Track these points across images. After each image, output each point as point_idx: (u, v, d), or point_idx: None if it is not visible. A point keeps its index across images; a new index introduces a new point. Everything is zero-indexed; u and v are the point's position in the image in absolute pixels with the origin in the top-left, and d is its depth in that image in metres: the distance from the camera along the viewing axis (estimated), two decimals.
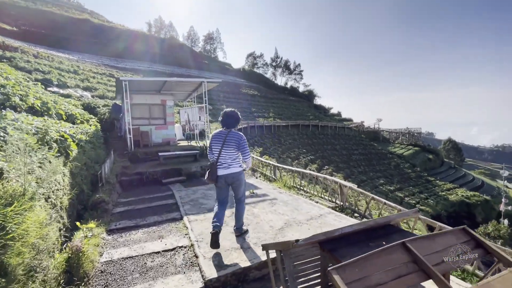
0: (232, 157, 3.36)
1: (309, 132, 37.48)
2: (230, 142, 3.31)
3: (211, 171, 3.38)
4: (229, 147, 3.31)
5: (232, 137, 3.32)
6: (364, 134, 45.41)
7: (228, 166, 3.35)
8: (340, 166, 31.47)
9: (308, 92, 55.09)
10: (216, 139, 3.39)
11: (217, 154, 3.37)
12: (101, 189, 5.46)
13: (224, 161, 3.35)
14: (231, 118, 3.40)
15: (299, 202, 5.07)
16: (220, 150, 3.34)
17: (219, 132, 3.43)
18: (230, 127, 3.40)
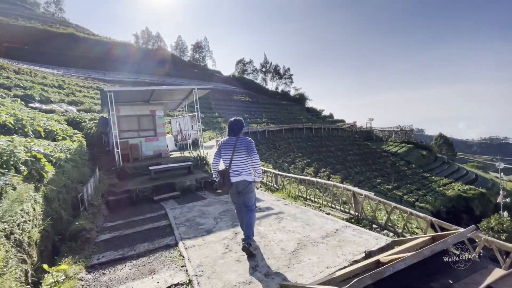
0: (244, 163, 3.38)
1: (303, 135, 37.16)
2: (241, 146, 3.37)
3: (225, 177, 3.38)
4: (240, 152, 3.36)
5: (241, 142, 3.40)
6: (357, 134, 45.42)
7: (240, 173, 3.38)
8: (336, 167, 31.12)
9: (300, 95, 55.00)
10: (225, 146, 3.45)
11: (229, 161, 3.40)
12: (83, 214, 4.76)
13: (236, 167, 3.38)
14: (236, 125, 3.52)
15: (309, 215, 4.49)
16: (231, 156, 3.38)
17: (228, 139, 3.48)
18: (237, 134, 3.48)
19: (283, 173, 6.66)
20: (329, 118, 50.02)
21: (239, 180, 3.37)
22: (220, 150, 3.52)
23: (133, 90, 9.56)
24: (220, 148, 3.52)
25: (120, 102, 11.49)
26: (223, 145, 3.49)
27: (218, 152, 3.55)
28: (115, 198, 6.33)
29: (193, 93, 10.58)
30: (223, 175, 3.41)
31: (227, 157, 3.42)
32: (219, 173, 3.45)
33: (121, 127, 11.47)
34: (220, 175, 3.43)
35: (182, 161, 9.84)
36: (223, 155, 3.48)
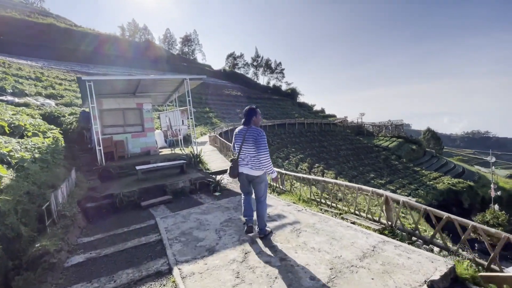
0: (251, 154, 3.30)
1: (296, 130, 36.54)
2: (249, 138, 3.29)
3: (233, 166, 3.45)
4: (248, 143, 3.30)
5: (250, 133, 3.30)
6: (349, 129, 45.26)
7: (247, 163, 3.35)
8: (330, 163, 30.69)
9: (291, 90, 54.13)
10: (237, 136, 3.44)
11: (238, 151, 3.40)
12: (50, 229, 3.77)
13: (244, 157, 3.37)
14: (247, 114, 3.41)
15: (332, 226, 3.68)
16: (240, 147, 3.36)
17: (240, 129, 3.44)
18: (248, 124, 3.38)
19: (291, 173, 5.81)
20: (321, 113, 49.57)
21: (247, 172, 3.36)
22: (233, 139, 3.54)
23: (115, 79, 8.44)
24: (234, 137, 3.53)
25: (103, 94, 10.31)
26: (236, 134, 3.47)
27: (233, 141, 3.55)
28: (95, 204, 5.32)
29: (184, 84, 9.54)
30: (232, 164, 3.45)
31: (237, 146, 3.42)
32: (230, 161, 3.53)
33: (104, 122, 10.33)
34: (231, 162, 3.49)
35: (173, 159, 8.85)
36: (235, 143, 3.49)
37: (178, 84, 10.32)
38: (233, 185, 6.78)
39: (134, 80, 8.75)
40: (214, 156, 10.71)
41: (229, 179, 7.20)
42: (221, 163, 9.32)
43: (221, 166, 8.72)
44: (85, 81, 7.67)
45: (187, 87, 9.47)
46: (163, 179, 6.77)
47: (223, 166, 8.71)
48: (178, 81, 9.85)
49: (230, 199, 5.47)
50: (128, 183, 6.58)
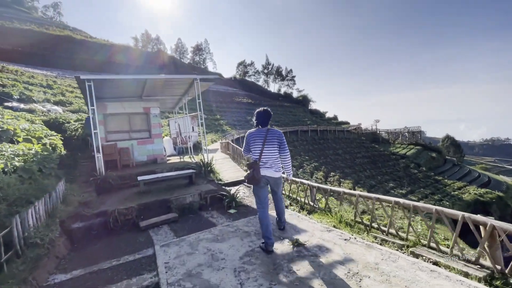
0: (274, 156, 3.15)
1: (309, 137, 35.20)
2: (272, 139, 3.12)
3: (255, 169, 3.04)
4: (271, 145, 3.11)
5: (273, 134, 3.15)
6: (364, 136, 43.52)
7: (271, 166, 3.13)
8: (346, 171, 29.11)
9: (303, 97, 52.98)
10: (255, 137, 3.18)
11: (259, 153, 3.12)
12: (7, 266, 2.73)
13: (266, 160, 3.12)
14: (266, 115, 3.22)
15: (407, 269, 2.47)
16: (261, 148, 3.11)
17: (257, 130, 3.21)
18: (266, 125, 3.23)
19: (327, 186, 4.60)
20: (334, 120, 48.06)
21: (270, 175, 3.15)
22: (248, 142, 3.26)
23: (119, 79, 7.58)
24: (248, 139, 3.27)
25: (107, 98, 9.51)
26: (252, 136, 3.22)
27: (246, 145, 3.31)
28: (84, 224, 4.29)
29: (194, 85, 8.58)
30: (252, 167, 3.08)
31: (257, 149, 3.15)
32: (248, 165, 3.14)
33: (109, 127, 9.47)
34: (249, 167, 3.11)
35: (181, 168, 7.82)
36: (252, 146, 3.20)
37: (188, 85, 9.39)
38: (251, 199, 5.64)
39: (139, 80, 7.85)
40: (227, 165, 9.64)
41: (245, 193, 6.07)
42: (235, 172, 8.24)
43: (235, 176, 7.62)
44: (85, 80, 6.82)
45: (197, 90, 8.50)
46: (168, 192, 5.70)
47: (238, 176, 7.61)
48: (187, 82, 8.91)
49: (249, 219, 4.32)
50: (128, 197, 5.55)
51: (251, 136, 3.22)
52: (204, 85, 9.40)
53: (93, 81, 6.93)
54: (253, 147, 3.18)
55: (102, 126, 9.31)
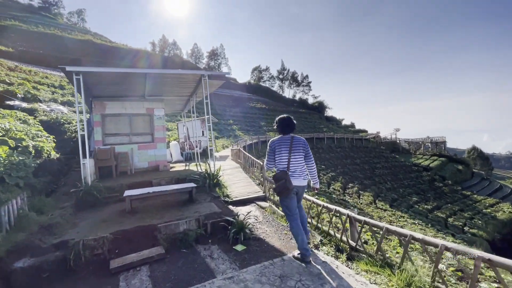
0: (301, 164, 3.02)
1: (325, 145, 33.42)
2: (298, 147, 3.00)
3: (287, 180, 2.88)
4: (298, 153, 3.00)
5: (298, 142, 3.04)
6: (383, 145, 41.16)
7: (299, 175, 2.99)
8: (365, 183, 27.06)
9: (318, 103, 51.08)
10: (281, 145, 3.03)
11: (286, 162, 2.96)
12: None
13: (295, 169, 2.97)
14: (291, 122, 3.14)
15: None
16: (288, 157, 2.96)
17: (281, 138, 3.10)
18: (291, 132, 3.12)
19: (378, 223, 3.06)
20: (351, 128, 45.89)
21: (300, 184, 3.01)
22: (274, 150, 3.06)
23: (113, 72, 6.40)
24: (273, 148, 3.06)
25: (106, 97, 8.48)
26: (277, 144, 3.05)
27: (271, 153, 3.08)
28: (33, 262, 3.06)
29: (202, 84, 7.37)
30: (284, 178, 2.89)
31: (284, 158, 2.97)
32: (277, 176, 2.94)
33: (107, 129, 8.42)
34: (280, 178, 2.92)
35: (183, 178, 6.56)
36: (278, 155, 3.02)
37: (195, 84, 8.21)
38: (265, 228, 4.24)
39: (137, 73, 6.68)
40: (237, 176, 8.31)
41: (257, 218, 4.68)
42: (246, 186, 6.88)
43: (246, 191, 6.26)
44: (72, 72, 5.74)
45: (206, 89, 7.28)
46: (159, 213, 4.42)
47: (249, 191, 6.25)
48: (194, 79, 7.70)
49: (264, 267, 2.93)
50: (108, 218, 4.32)
51: (275, 144, 3.03)
52: (214, 84, 8.20)
53: (82, 74, 5.84)
54: (278, 156, 3.01)
55: (99, 127, 8.27)
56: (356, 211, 3.71)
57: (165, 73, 6.61)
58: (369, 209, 18.76)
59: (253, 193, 6.05)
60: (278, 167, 3.02)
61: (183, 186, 5.03)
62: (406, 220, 17.40)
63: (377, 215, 16.92)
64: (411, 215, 20.04)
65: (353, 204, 19.11)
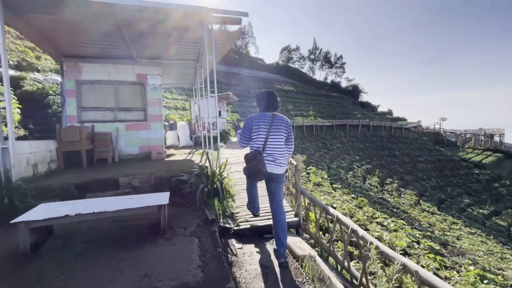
0: (280, 148, 2.51)
1: (359, 133, 29.60)
2: (280, 126, 2.52)
3: (260, 161, 2.38)
4: (278, 134, 2.50)
5: (281, 121, 2.54)
6: (425, 136, 36.13)
7: (274, 161, 2.47)
8: (406, 178, 23.32)
9: (353, 87, 46.00)
10: (259, 122, 2.50)
11: (262, 142, 2.47)
12: None
13: (271, 152, 2.48)
14: (274, 98, 2.61)
15: None
16: (266, 137, 2.47)
17: (262, 114, 2.56)
18: (274, 110, 2.61)
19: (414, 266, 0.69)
20: (388, 115, 40.91)
21: (273, 168, 2.46)
22: (250, 128, 2.54)
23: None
24: (250, 124, 2.54)
25: (82, 56, 6.20)
26: (255, 121, 2.52)
27: (246, 131, 2.56)
28: None
29: (205, 38, 4.71)
30: (257, 158, 2.39)
31: (261, 138, 2.49)
32: (249, 155, 2.45)
33: (84, 101, 6.23)
34: (252, 158, 2.42)
35: (168, 178, 4.17)
36: (254, 134, 2.52)
37: (198, 39, 5.57)
38: None
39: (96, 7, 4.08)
40: None
41: None
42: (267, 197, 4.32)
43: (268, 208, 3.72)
44: None
45: (208, 36, 4.62)
46: (78, 267, 2.05)
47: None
48: (193, 25, 4.99)
49: None
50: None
51: (253, 121, 2.52)
52: (224, 37, 5.51)
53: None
54: (255, 134, 2.51)
55: (74, 98, 6.09)
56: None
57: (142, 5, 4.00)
58: (414, 211, 15.46)
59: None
60: (253, 146, 2.53)
61: (142, 205, 2.56)
62: (461, 228, 13.90)
63: (425, 220, 13.65)
64: (465, 222, 16.30)
65: (394, 204, 15.92)
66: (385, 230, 7.95)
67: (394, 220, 9.41)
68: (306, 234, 3.04)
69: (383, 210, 12.82)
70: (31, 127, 7.17)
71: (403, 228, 8.68)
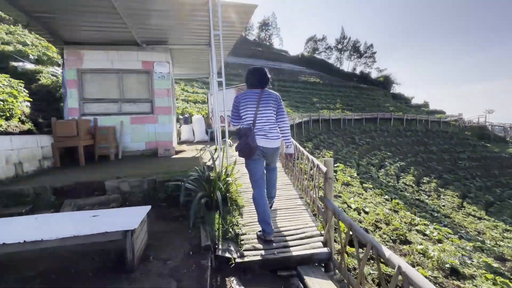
0: (271, 121, 2.49)
1: (391, 128, 27.23)
2: (268, 101, 2.48)
3: (249, 136, 2.39)
4: (267, 108, 2.46)
5: (269, 96, 2.51)
6: (467, 130, 32.51)
7: (266, 136, 2.46)
8: (445, 177, 20.95)
9: (384, 78, 42.51)
10: (247, 99, 2.49)
11: (252, 118, 2.45)
12: None
13: (262, 126, 2.46)
14: (262, 75, 2.53)
15: None
16: (255, 112, 2.44)
17: (250, 91, 2.54)
18: (264, 86, 2.55)
19: None
20: (424, 108, 37.38)
21: (268, 146, 2.47)
22: (238, 105, 2.53)
23: None
24: (238, 102, 2.53)
25: (84, 43, 5.63)
26: (242, 98, 2.51)
27: (235, 108, 2.56)
28: None
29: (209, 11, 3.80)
30: (247, 133, 2.40)
31: (250, 113, 2.45)
32: (240, 132, 2.48)
33: (86, 92, 5.69)
34: (242, 134, 2.43)
35: (165, 182, 3.40)
36: (243, 110, 2.49)
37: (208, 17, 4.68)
38: None
39: None
40: None
41: None
42: (286, 212, 3.26)
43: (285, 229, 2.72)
44: None
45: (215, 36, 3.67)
46: None
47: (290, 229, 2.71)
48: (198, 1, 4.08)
49: None
50: None
51: (240, 99, 2.52)
52: (237, 11, 4.55)
53: None
54: (244, 111, 2.48)
55: (75, 89, 5.56)
56: None
57: None
58: (457, 215, 13.54)
59: (300, 237, 2.51)
60: (243, 124, 2.52)
61: (99, 231, 1.75)
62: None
63: (472, 227, 11.80)
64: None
65: (434, 207, 14.09)
66: (428, 240, 6.64)
67: (436, 227, 7.94)
68: (339, 273, 2.06)
69: (421, 214, 11.24)
70: (40, 121, 6.86)
71: (448, 237, 7.26)
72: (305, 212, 3.09)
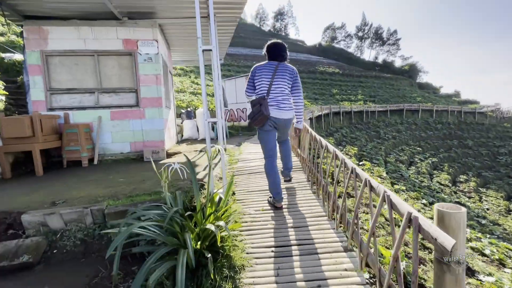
0: (284, 93, 2.46)
1: (419, 120, 24.69)
2: (284, 73, 2.44)
3: (263, 105, 2.34)
4: (282, 80, 2.43)
5: (285, 68, 2.46)
6: (506, 122, 29.15)
7: (279, 107, 2.42)
8: (484, 175, 18.49)
9: (409, 66, 38.94)
10: (263, 70, 2.45)
11: (266, 89, 2.42)
12: None
13: (275, 96, 2.42)
14: (281, 49, 2.50)
15: None
16: (270, 83, 2.42)
17: (267, 63, 2.49)
18: (282, 60, 2.49)
19: None
20: (455, 98, 33.96)
21: (280, 117, 2.43)
22: (254, 76, 2.48)
23: None
24: (254, 72, 2.48)
25: (48, 18, 4.39)
26: (258, 69, 2.47)
27: (251, 79, 2.51)
28: None
29: None
30: (260, 102, 2.36)
31: (265, 84, 2.43)
32: (253, 101, 2.43)
33: (54, 80, 4.49)
34: (255, 103, 2.39)
35: (122, 212, 2.11)
36: (258, 81, 2.45)
37: None
38: None
39: None
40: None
41: None
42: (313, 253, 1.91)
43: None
44: None
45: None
46: None
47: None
48: None
49: None
50: None
51: (256, 69, 2.48)
52: None
53: None
54: (258, 82, 2.45)
55: (40, 76, 4.36)
56: None
57: None
58: (507, 222, 11.47)
59: None
60: (258, 94, 2.47)
61: None
62: None
63: None
64: None
65: (478, 212, 12.04)
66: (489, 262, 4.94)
67: (493, 241, 6.12)
68: None
69: (468, 222, 9.36)
70: None
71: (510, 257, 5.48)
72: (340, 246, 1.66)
